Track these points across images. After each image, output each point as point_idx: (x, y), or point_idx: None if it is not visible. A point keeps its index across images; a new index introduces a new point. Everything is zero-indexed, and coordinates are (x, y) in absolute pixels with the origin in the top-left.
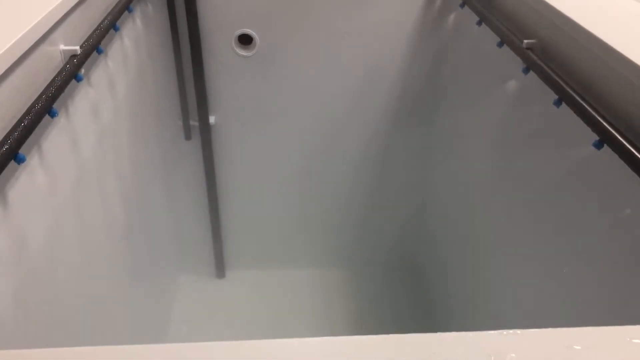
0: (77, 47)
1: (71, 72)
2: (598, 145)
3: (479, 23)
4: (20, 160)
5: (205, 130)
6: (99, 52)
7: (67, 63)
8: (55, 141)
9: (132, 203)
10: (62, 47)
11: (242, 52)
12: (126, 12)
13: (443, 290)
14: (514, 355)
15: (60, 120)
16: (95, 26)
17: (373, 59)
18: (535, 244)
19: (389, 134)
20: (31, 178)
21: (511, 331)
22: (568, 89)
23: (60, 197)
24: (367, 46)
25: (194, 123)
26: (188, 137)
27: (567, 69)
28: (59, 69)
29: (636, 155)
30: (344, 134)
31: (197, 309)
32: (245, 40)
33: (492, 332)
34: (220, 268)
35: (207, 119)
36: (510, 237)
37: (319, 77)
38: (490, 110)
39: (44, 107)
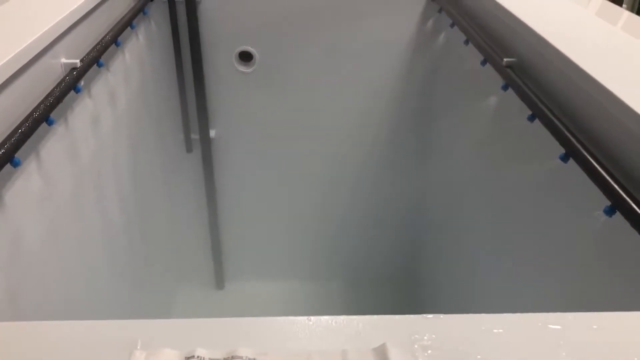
0: (78, 61)
1: (70, 84)
2: (564, 158)
3: (466, 42)
4: (15, 163)
5: (206, 144)
6: (100, 65)
7: (67, 75)
8: (52, 148)
9: (132, 213)
10: (64, 60)
11: (242, 68)
12: (129, 28)
13: (438, 300)
14: (434, 336)
15: (59, 129)
16: (97, 41)
17: (370, 75)
18: (515, 252)
19: (386, 148)
20: (27, 182)
21: (431, 315)
22: (541, 105)
23: (57, 201)
24: (364, 63)
25: (195, 136)
26: (189, 149)
27: (543, 87)
28: (59, 81)
29: (597, 168)
30: (341, 148)
31: None
32: (245, 57)
33: (415, 315)
34: (219, 279)
35: (208, 133)
36: (496, 246)
37: (317, 93)
38: (476, 124)
39: (41, 115)
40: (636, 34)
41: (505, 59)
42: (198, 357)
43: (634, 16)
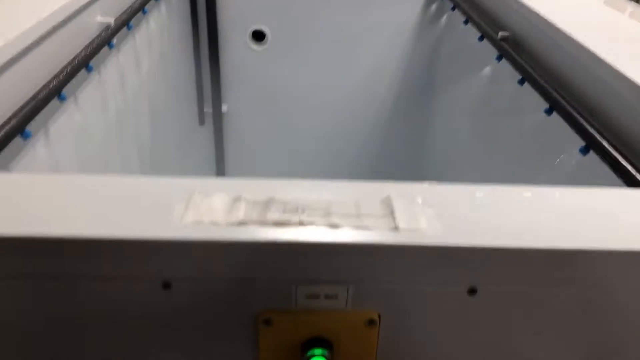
0: (112, 20)
1: (105, 39)
2: (548, 111)
3: (466, 22)
4: (62, 98)
5: (218, 117)
6: (129, 28)
7: (102, 31)
8: (89, 93)
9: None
10: (99, 18)
11: (255, 46)
12: (153, 0)
13: None
14: (427, 195)
15: (95, 77)
16: (127, 6)
17: (376, 53)
18: None
19: (391, 120)
20: (70, 116)
21: (427, 184)
22: (530, 70)
23: (90, 141)
24: (371, 42)
25: (208, 110)
26: (202, 122)
27: (533, 56)
28: (95, 35)
29: (580, 122)
30: (348, 121)
31: None
32: (258, 36)
33: (414, 183)
34: None
35: (220, 107)
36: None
37: (325, 71)
38: (472, 90)
39: (83, 61)
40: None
41: (500, 33)
42: (244, 199)
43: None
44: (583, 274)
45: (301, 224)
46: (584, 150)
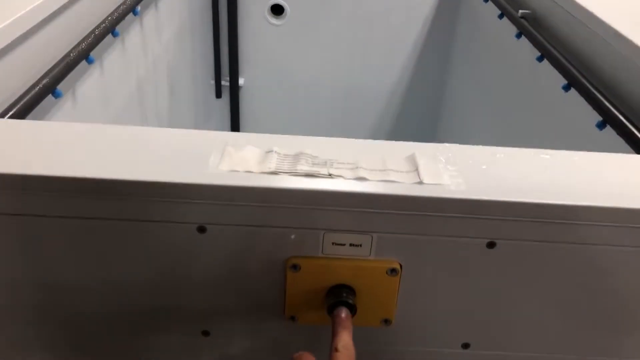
0: None
1: (131, 5)
2: (566, 87)
3: (486, 0)
4: (90, 61)
5: (235, 91)
6: None
7: None
8: (114, 59)
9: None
10: None
11: (274, 20)
12: None
13: None
14: (450, 154)
15: (119, 43)
16: None
17: (395, 30)
18: None
19: (407, 97)
20: (97, 79)
21: (449, 144)
22: (549, 47)
23: (113, 104)
24: (389, 20)
25: (225, 83)
26: (219, 95)
27: (553, 33)
28: (121, 2)
29: (598, 97)
30: (365, 98)
31: None
32: (277, 10)
33: (430, 144)
34: None
35: (237, 80)
36: None
37: (344, 46)
38: (489, 68)
39: (110, 25)
40: None
41: (520, 11)
42: (275, 151)
43: None
44: (595, 230)
45: (330, 175)
46: (601, 125)
